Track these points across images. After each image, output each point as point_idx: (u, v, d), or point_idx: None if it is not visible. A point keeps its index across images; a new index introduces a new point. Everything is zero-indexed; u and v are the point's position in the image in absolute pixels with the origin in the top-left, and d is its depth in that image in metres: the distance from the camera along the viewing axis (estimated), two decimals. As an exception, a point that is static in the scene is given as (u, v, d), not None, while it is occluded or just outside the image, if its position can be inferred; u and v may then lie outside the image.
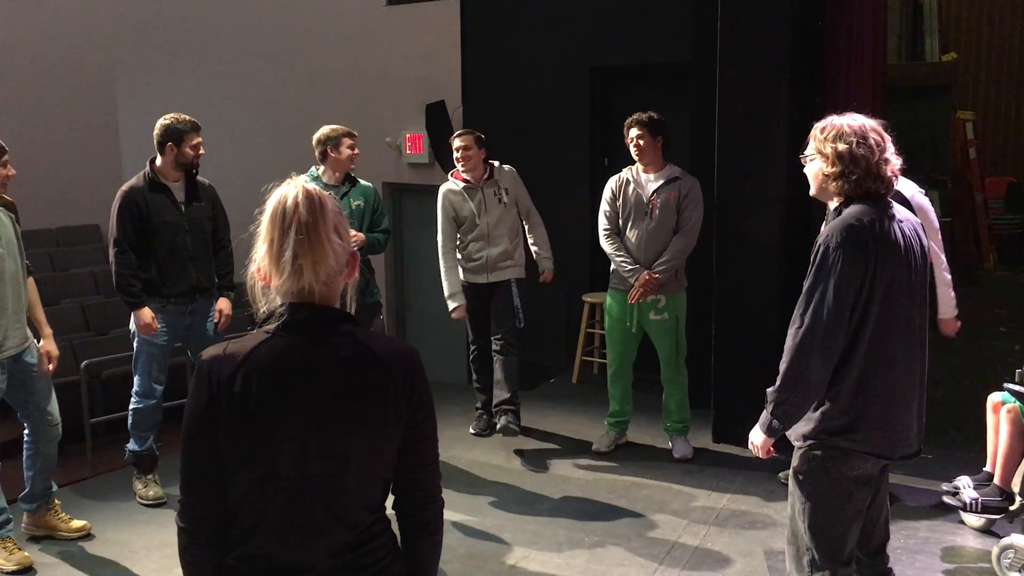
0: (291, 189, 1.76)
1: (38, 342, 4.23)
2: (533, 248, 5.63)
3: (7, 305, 3.99)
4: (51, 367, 4.26)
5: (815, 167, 2.82)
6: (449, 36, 7.83)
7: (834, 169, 2.73)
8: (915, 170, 4.90)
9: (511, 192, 5.44)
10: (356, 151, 5.07)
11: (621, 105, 6.79)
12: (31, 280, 4.25)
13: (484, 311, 5.58)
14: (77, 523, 4.47)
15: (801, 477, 2.85)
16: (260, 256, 1.76)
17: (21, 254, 4.11)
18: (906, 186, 4.39)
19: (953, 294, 4.46)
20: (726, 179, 5.35)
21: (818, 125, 2.83)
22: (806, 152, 2.87)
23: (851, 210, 2.73)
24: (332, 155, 5.00)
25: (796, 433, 2.84)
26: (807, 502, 2.83)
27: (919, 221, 2.95)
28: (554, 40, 7.22)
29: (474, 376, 5.84)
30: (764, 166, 5.28)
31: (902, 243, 2.73)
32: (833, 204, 2.83)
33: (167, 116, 4.70)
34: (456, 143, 5.39)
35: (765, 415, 2.81)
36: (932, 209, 4.41)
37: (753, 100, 5.29)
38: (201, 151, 4.71)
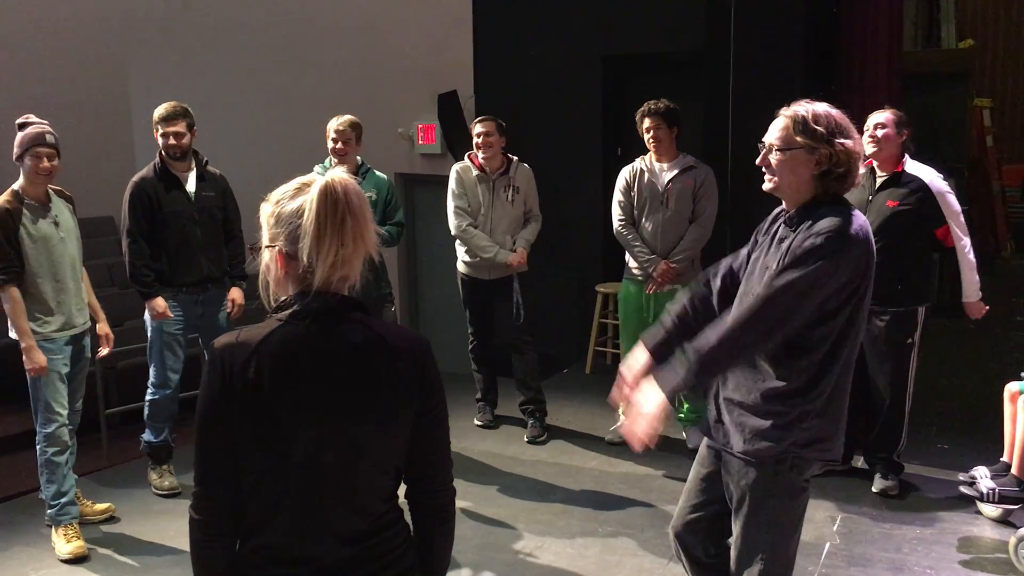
0: (334, 181, 1.72)
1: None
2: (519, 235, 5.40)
3: (68, 286, 4.24)
4: (106, 349, 4.51)
5: (797, 161, 2.50)
6: (461, 25, 7.80)
7: (828, 167, 2.46)
8: (931, 158, 4.85)
9: (522, 191, 5.38)
10: (341, 144, 4.90)
11: (634, 94, 6.75)
12: (83, 268, 4.44)
13: (485, 307, 5.58)
14: (100, 506, 4.56)
15: (771, 493, 2.55)
16: (307, 246, 1.70)
17: (79, 241, 4.37)
18: (923, 172, 4.36)
19: (977, 277, 4.46)
20: (740, 168, 5.31)
21: (800, 114, 2.51)
22: (776, 142, 2.55)
23: (843, 212, 2.48)
24: (329, 147, 4.99)
25: (757, 448, 2.54)
26: (779, 517, 2.58)
27: None
28: (566, 29, 7.19)
29: (473, 366, 5.82)
30: (778, 155, 5.24)
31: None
32: (797, 200, 2.56)
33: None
34: (477, 128, 5.33)
35: (682, 371, 2.44)
36: (951, 192, 4.39)
37: (767, 88, 5.25)
38: (183, 139, 4.62)
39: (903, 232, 4.32)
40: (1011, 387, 4.27)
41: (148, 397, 4.81)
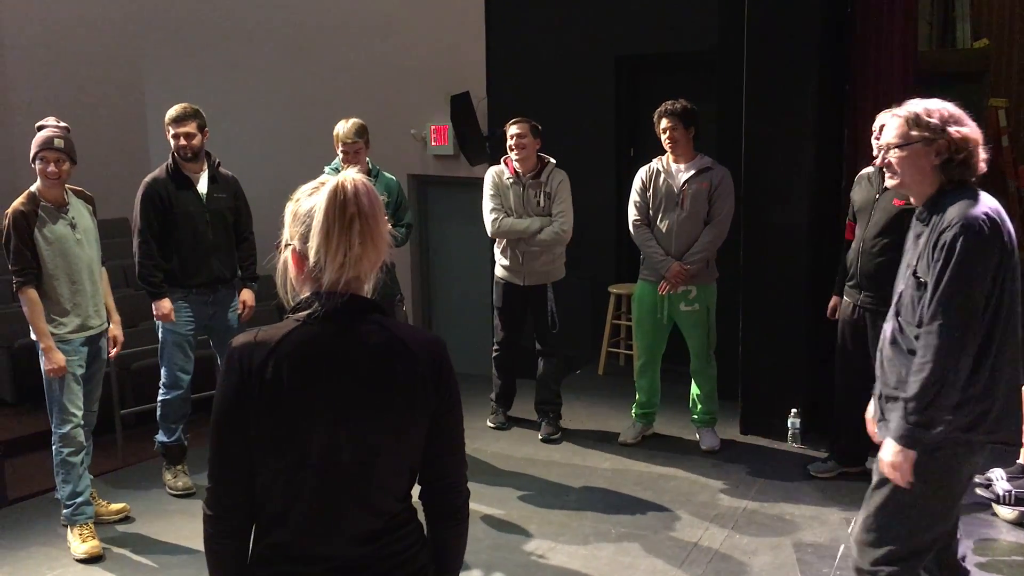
0: (346, 181, 1.72)
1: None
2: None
3: (85, 287, 4.25)
4: (115, 351, 4.52)
5: (916, 155, 2.62)
6: (473, 26, 7.81)
7: (948, 155, 2.58)
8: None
9: (552, 195, 5.27)
10: (352, 155, 4.81)
11: (647, 95, 6.75)
12: (103, 270, 4.46)
13: (518, 311, 5.52)
14: (116, 506, 4.58)
15: (922, 478, 2.61)
16: (315, 246, 1.71)
17: (97, 243, 4.38)
18: None
19: None
20: (753, 168, 5.29)
21: (912, 111, 2.64)
22: (893, 140, 2.66)
23: (970, 197, 2.58)
24: (340, 157, 4.93)
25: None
26: (926, 502, 2.65)
27: None
28: (579, 29, 7.18)
29: (495, 372, 5.78)
30: (792, 155, 5.22)
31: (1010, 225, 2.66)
32: (923, 193, 2.67)
33: None
34: (512, 130, 5.24)
35: (904, 425, 2.57)
36: None
37: (781, 88, 5.23)
38: (194, 140, 4.63)
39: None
40: (1028, 388, 4.24)
41: (160, 398, 4.83)
